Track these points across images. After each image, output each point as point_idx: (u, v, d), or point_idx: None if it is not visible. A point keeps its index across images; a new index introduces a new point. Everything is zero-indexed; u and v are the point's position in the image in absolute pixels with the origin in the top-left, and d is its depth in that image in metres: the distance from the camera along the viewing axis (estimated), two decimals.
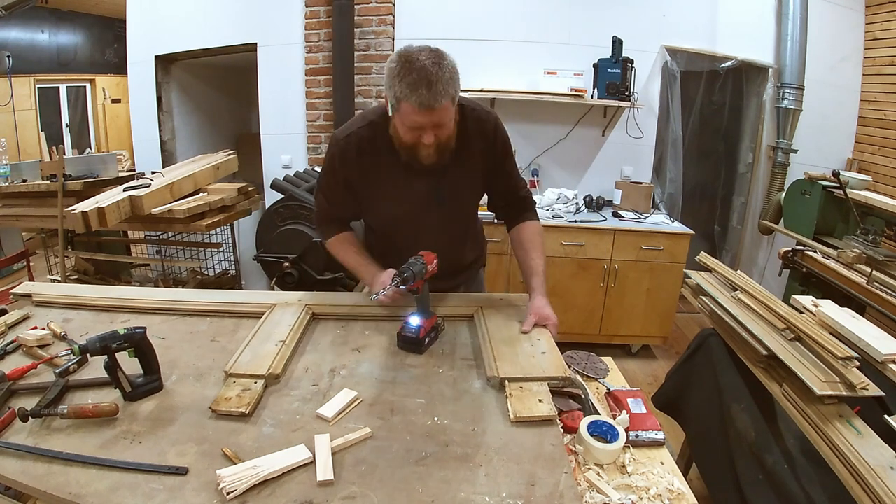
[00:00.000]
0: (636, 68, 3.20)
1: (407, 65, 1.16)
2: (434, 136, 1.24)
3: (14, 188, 3.14)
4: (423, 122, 1.20)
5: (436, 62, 1.16)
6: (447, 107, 1.20)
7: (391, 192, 1.42)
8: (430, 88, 1.15)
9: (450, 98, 1.19)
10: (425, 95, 1.15)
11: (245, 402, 1.04)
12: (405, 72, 1.16)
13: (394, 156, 1.34)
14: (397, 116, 1.24)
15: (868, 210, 2.47)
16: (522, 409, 1.04)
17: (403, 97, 1.17)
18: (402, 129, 1.25)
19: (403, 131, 1.26)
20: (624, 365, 2.29)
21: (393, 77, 1.18)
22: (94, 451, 0.93)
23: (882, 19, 3.45)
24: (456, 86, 1.21)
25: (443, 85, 1.16)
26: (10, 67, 5.41)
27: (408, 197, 1.41)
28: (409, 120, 1.21)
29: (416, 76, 1.15)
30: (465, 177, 1.43)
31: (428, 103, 1.16)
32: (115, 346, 1.06)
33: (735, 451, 1.47)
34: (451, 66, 1.20)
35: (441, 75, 1.16)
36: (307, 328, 1.38)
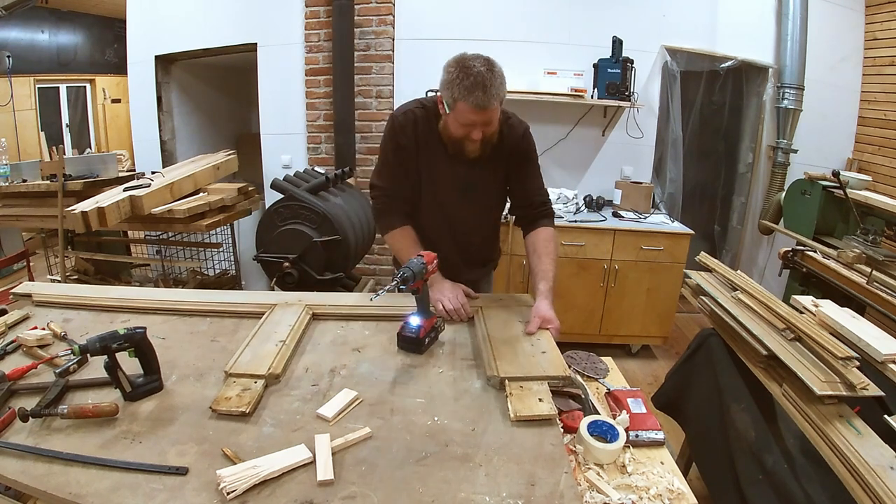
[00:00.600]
0: (636, 68, 3.20)
1: (465, 70, 1.34)
2: (483, 134, 1.42)
3: (14, 188, 3.14)
4: (477, 120, 1.38)
5: (489, 69, 1.35)
6: (496, 108, 1.39)
7: (432, 174, 1.57)
8: (486, 91, 1.33)
9: (499, 100, 1.38)
10: (481, 97, 1.33)
11: (245, 402, 1.04)
12: (463, 76, 1.33)
13: (438, 142, 1.52)
14: (452, 115, 1.40)
15: (868, 210, 2.47)
16: (523, 408, 1.04)
17: (461, 98, 1.34)
18: (455, 125, 1.42)
19: (455, 128, 1.42)
20: (624, 365, 2.29)
21: (451, 80, 1.35)
22: (94, 450, 0.93)
23: (882, 19, 3.45)
24: (504, 90, 1.39)
25: (495, 89, 1.34)
26: (10, 67, 5.41)
27: (444, 183, 1.57)
28: (464, 118, 1.38)
29: (473, 80, 1.32)
30: (492, 176, 1.61)
31: (483, 104, 1.34)
32: (115, 346, 1.06)
33: (735, 451, 1.47)
34: (501, 72, 1.37)
35: (493, 80, 1.34)
36: (307, 328, 1.38)
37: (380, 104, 3.41)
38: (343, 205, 2.78)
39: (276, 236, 2.60)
